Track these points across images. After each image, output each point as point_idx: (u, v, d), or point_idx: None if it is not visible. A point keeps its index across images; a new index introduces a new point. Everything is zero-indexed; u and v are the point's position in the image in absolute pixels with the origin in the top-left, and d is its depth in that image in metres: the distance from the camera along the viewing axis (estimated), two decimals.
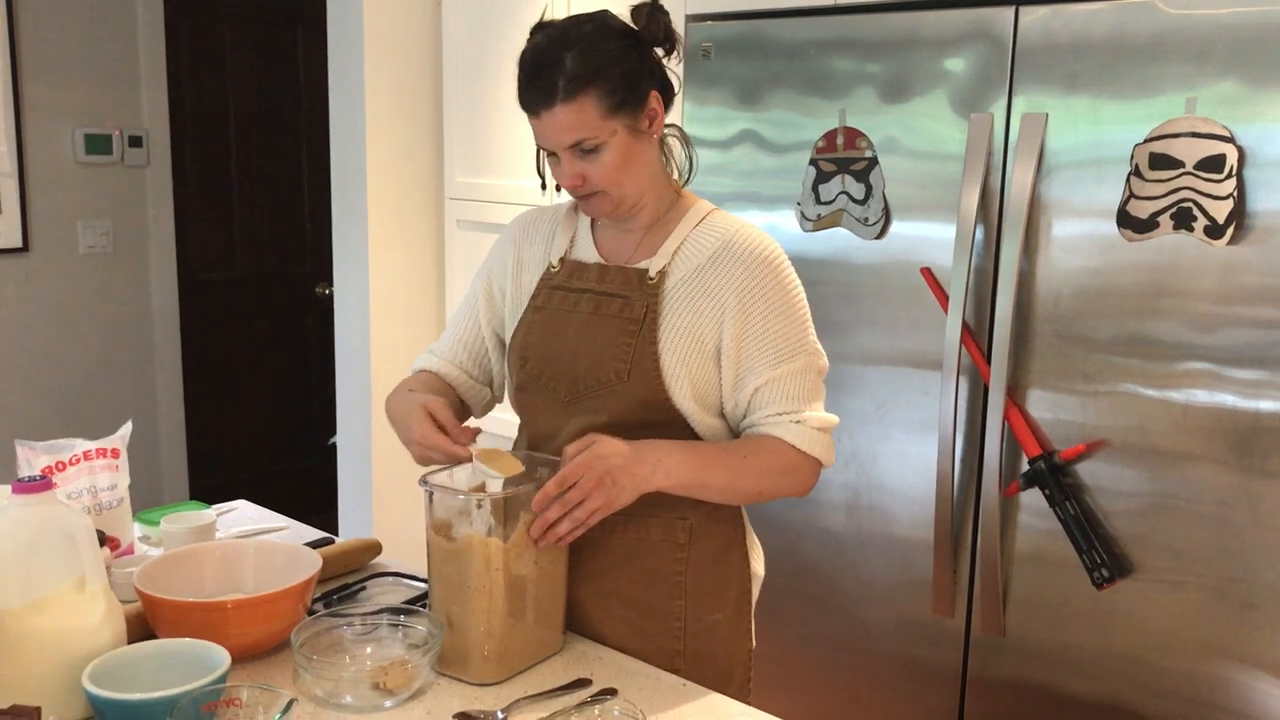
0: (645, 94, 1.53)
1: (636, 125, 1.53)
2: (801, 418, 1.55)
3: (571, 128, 1.49)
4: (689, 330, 1.54)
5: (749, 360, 1.55)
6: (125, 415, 3.90)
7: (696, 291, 1.56)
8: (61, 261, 4.16)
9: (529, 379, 1.64)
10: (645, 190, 1.59)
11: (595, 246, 1.65)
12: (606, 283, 1.60)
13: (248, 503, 2.18)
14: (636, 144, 1.53)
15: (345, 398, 3.46)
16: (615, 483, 1.43)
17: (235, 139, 4.64)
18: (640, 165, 1.55)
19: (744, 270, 1.55)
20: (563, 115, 1.48)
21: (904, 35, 2.19)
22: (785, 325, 1.56)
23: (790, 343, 1.56)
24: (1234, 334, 1.85)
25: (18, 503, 1.29)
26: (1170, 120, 1.88)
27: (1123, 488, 1.99)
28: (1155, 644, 1.99)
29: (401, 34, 3.26)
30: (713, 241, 1.58)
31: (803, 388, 1.57)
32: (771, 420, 1.56)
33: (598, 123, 1.48)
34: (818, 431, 1.57)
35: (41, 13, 3.99)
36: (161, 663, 1.31)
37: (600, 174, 1.52)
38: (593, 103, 1.47)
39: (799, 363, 1.56)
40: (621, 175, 1.53)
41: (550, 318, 1.62)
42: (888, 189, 2.23)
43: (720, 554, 1.64)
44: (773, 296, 1.55)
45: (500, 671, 1.45)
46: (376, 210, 3.27)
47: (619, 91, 1.49)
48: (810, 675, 2.47)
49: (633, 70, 1.51)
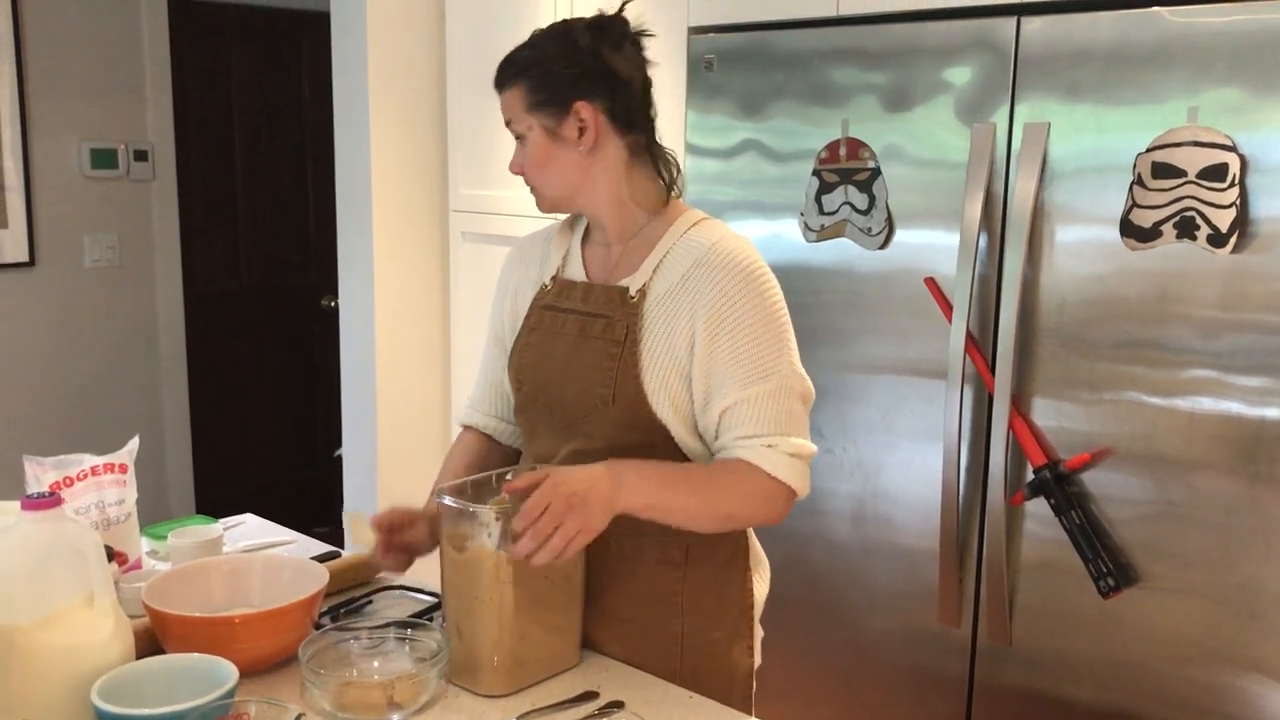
0: (566, 101, 1.53)
1: (557, 130, 1.55)
2: (772, 442, 1.49)
3: (505, 112, 1.59)
4: (666, 349, 1.51)
5: (718, 379, 1.50)
6: (131, 428, 3.91)
7: (671, 309, 1.52)
8: (67, 275, 4.17)
9: (526, 401, 1.64)
10: (574, 194, 1.59)
11: (583, 264, 1.65)
12: (591, 302, 1.58)
13: (254, 516, 2.19)
14: (554, 146, 1.56)
15: (350, 410, 3.46)
16: (585, 504, 1.38)
17: (240, 152, 4.65)
18: (561, 169, 1.57)
19: (714, 283, 1.50)
20: (503, 100, 1.59)
21: (906, 45, 2.20)
22: (757, 343, 1.49)
23: (762, 362, 1.49)
24: (1239, 342, 1.86)
25: (28, 519, 1.30)
26: (1172, 129, 1.88)
27: (1128, 496, 1.99)
28: (1161, 653, 1.98)
29: (406, 47, 3.27)
30: (690, 255, 1.54)
31: (776, 411, 1.49)
32: (741, 443, 1.50)
33: (521, 114, 1.57)
34: (790, 458, 1.49)
35: (48, 28, 4.01)
36: (169, 678, 1.32)
37: (525, 163, 1.59)
38: (519, 95, 1.56)
39: (770, 384, 1.49)
40: (539, 173, 1.59)
41: (542, 339, 1.62)
42: (891, 199, 2.24)
43: (719, 573, 1.62)
44: (744, 311, 1.49)
45: (510, 684, 1.45)
46: (381, 222, 3.28)
47: (541, 90, 1.54)
48: (816, 684, 2.47)
49: (559, 75, 1.53)
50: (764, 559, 1.73)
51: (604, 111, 1.55)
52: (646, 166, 1.60)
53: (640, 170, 1.60)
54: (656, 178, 1.61)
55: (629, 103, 1.57)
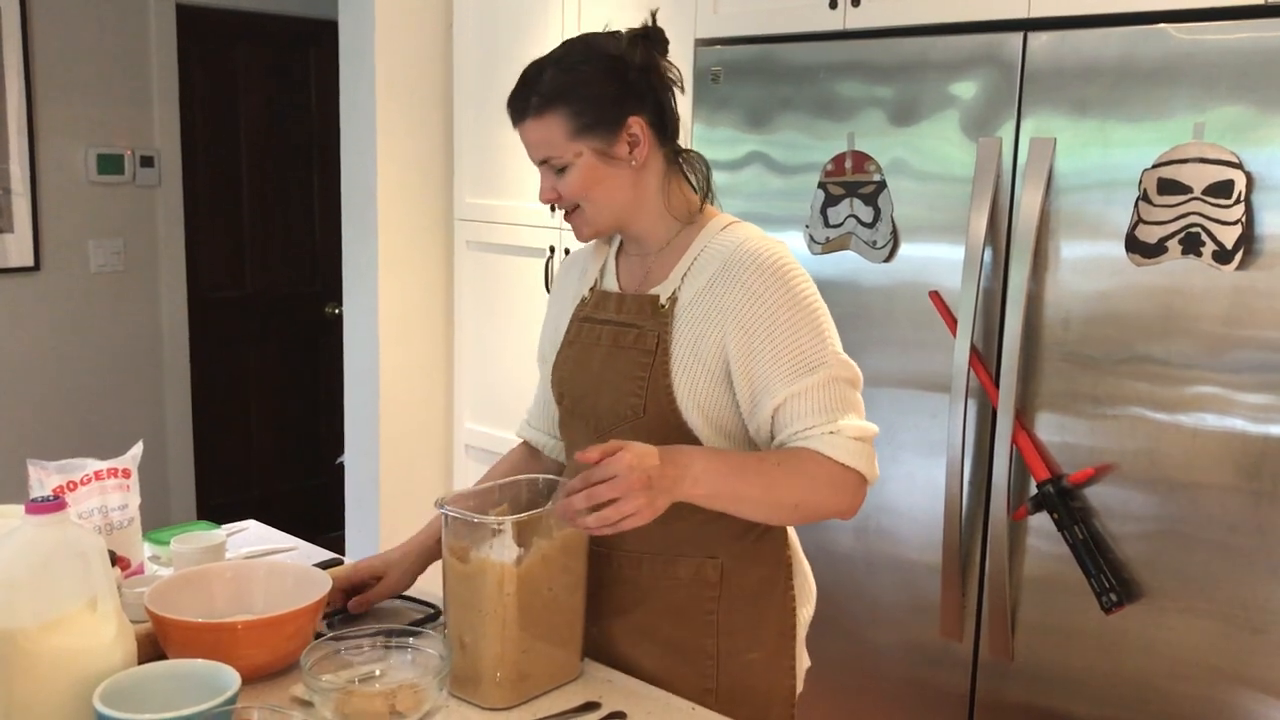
0: (620, 119, 1.50)
1: (609, 150, 1.50)
2: (836, 428, 1.44)
3: (538, 145, 1.52)
4: (695, 356, 1.50)
5: (762, 378, 1.46)
6: (135, 433, 3.91)
7: (699, 313, 1.50)
8: (73, 280, 4.18)
9: (566, 414, 1.64)
10: (625, 212, 1.56)
11: (616, 275, 1.65)
12: (624, 312, 1.58)
13: (257, 523, 2.19)
14: (607, 168, 1.51)
15: (353, 418, 3.47)
16: (650, 486, 1.32)
17: (246, 159, 4.67)
18: (614, 189, 1.53)
19: (740, 285, 1.48)
20: (533, 131, 1.51)
21: (913, 59, 2.20)
22: (797, 337, 1.45)
23: (805, 356, 1.45)
24: (1243, 358, 1.86)
25: (32, 523, 1.29)
26: (1178, 146, 1.88)
27: (1132, 512, 1.99)
28: (1164, 669, 1.98)
29: (413, 56, 3.28)
30: (717, 258, 1.52)
31: (831, 399, 1.45)
32: (802, 435, 1.45)
33: (563, 143, 1.49)
34: (856, 442, 1.45)
35: (56, 33, 4.03)
36: (172, 683, 1.31)
37: (568, 192, 1.53)
38: (559, 122, 1.49)
39: (819, 375, 1.45)
40: (589, 197, 1.53)
41: (580, 351, 1.62)
42: (896, 212, 2.24)
43: (758, 592, 1.59)
44: (777, 308, 1.46)
45: (512, 697, 1.45)
46: (386, 231, 3.29)
47: (587, 114, 1.48)
48: (817, 698, 2.46)
49: (606, 94, 1.49)
50: (811, 583, 1.69)
51: (650, 124, 1.53)
52: (679, 174, 1.60)
53: (674, 178, 1.59)
54: (687, 184, 1.61)
55: (670, 111, 1.56)
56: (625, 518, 1.32)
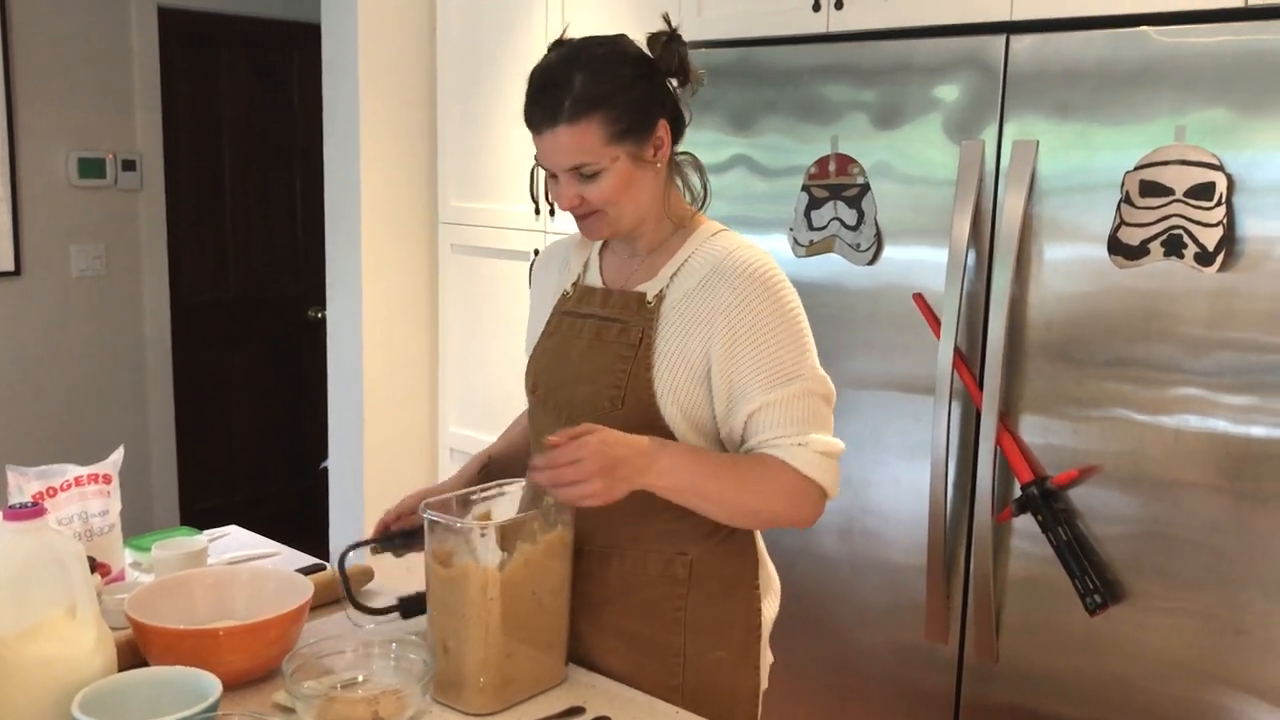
0: (652, 124, 1.52)
1: (640, 154, 1.51)
2: (805, 440, 1.48)
3: (572, 150, 1.48)
4: (679, 354, 1.52)
5: (741, 384, 1.49)
6: (116, 438, 3.89)
7: (687, 314, 1.52)
8: (54, 284, 4.16)
9: (538, 404, 1.65)
10: (645, 215, 1.57)
11: (600, 271, 1.66)
12: (609, 307, 1.59)
13: (239, 528, 2.17)
14: (638, 172, 1.52)
15: (337, 422, 3.45)
16: (613, 472, 1.37)
17: (229, 163, 4.65)
18: (640, 192, 1.54)
19: (732, 290, 1.50)
20: (565, 137, 1.47)
21: (896, 62, 2.21)
22: (780, 347, 1.49)
23: (786, 367, 1.49)
24: (1225, 360, 1.86)
25: (10, 530, 1.29)
26: (1160, 148, 1.89)
27: (1115, 513, 1.99)
28: (1148, 670, 1.99)
29: (396, 58, 3.27)
30: (708, 262, 1.54)
31: (804, 412, 1.49)
32: (771, 443, 1.49)
33: (599, 148, 1.48)
34: (821, 456, 1.49)
35: (36, 36, 4.01)
36: (153, 691, 1.30)
37: (598, 197, 1.51)
38: (596, 128, 1.47)
39: (796, 387, 1.49)
40: (619, 201, 1.52)
41: (559, 343, 1.63)
42: (880, 215, 2.24)
43: (725, 590, 1.60)
44: (763, 317, 1.49)
45: (496, 702, 1.44)
46: (370, 234, 3.28)
47: (624, 119, 1.48)
48: (802, 700, 2.46)
49: (641, 99, 1.50)
50: (775, 581, 1.71)
51: (670, 125, 1.55)
52: (675, 176, 1.62)
53: (671, 180, 1.61)
54: (683, 187, 1.62)
55: (679, 111, 1.58)
56: (584, 497, 1.37)
